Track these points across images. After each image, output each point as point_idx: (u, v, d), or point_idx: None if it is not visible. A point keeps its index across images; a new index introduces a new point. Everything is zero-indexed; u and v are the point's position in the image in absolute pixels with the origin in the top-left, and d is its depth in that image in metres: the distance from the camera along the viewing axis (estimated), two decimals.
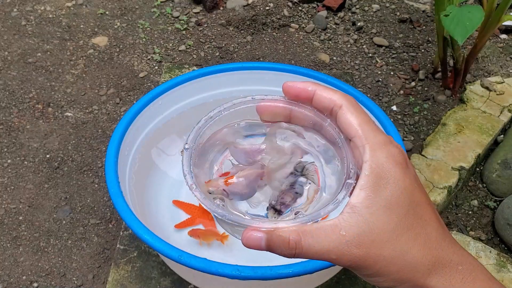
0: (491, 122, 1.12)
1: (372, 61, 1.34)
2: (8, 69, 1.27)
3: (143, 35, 1.38)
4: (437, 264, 0.29)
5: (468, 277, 0.29)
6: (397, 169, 0.29)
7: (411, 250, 0.28)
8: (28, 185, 1.01)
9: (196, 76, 0.88)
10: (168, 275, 0.78)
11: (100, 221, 0.95)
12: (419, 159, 1.03)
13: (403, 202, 0.28)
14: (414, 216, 0.29)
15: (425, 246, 0.29)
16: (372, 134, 0.30)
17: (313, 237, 0.28)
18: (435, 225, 0.29)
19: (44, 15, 1.44)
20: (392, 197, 0.28)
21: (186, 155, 0.34)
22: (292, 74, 0.90)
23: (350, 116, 0.30)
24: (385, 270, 0.28)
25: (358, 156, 0.30)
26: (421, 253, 0.28)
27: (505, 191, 1.03)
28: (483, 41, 1.13)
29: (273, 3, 1.48)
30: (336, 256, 0.28)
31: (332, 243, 0.28)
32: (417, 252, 0.28)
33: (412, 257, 0.28)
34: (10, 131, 1.12)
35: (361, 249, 0.28)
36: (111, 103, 1.19)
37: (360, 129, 0.30)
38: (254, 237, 0.30)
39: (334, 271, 0.76)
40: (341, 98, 0.31)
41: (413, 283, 0.29)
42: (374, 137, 0.29)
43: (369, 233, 0.28)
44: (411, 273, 0.28)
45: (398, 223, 0.28)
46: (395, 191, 0.28)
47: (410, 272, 0.28)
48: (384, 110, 1.03)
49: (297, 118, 0.34)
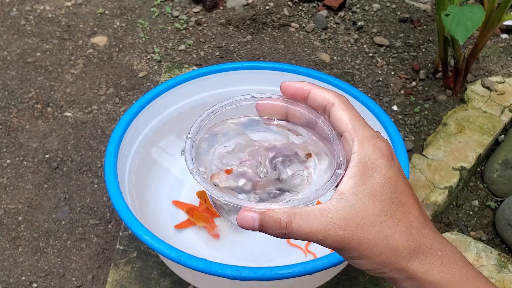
0: (492, 122, 1.11)
1: (373, 60, 1.33)
2: (7, 69, 1.26)
3: (143, 35, 1.38)
4: (417, 249, 0.31)
5: (447, 263, 0.31)
6: (383, 161, 0.31)
7: (393, 235, 0.30)
8: (27, 185, 1.01)
9: (196, 76, 0.88)
10: (167, 275, 0.78)
11: (100, 221, 0.95)
12: (420, 159, 1.03)
13: (387, 191, 0.31)
14: (397, 204, 0.31)
15: (407, 232, 0.31)
16: (361, 129, 0.32)
17: (302, 218, 0.30)
18: (417, 214, 0.31)
19: (43, 15, 1.44)
20: (377, 185, 0.30)
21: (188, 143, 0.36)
22: (292, 74, 0.90)
23: (341, 113, 0.32)
24: (368, 252, 0.30)
25: (348, 149, 0.32)
26: (403, 238, 0.30)
27: (506, 191, 1.03)
28: (484, 40, 1.12)
29: (273, 3, 1.47)
30: (323, 237, 0.30)
31: (320, 224, 0.30)
32: (399, 237, 0.30)
33: (394, 241, 0.30)
34: (9, 131, 1.11)
35: (346, 232, 0.30)
36: (111, 103, 1.19)
37: (350, 124, 0.32)
38: (248, 217, 0.31)
39: (334, 271, 0.76)
40: (333, 96, 0.33)
41: (395, 266, 0.31)
42: (363, 131, 0.32)
43: (354, 217, 0.30)
44: (393, 257, 0.30)
45: (382, 209, 0.30)
46: (380, 180, 0.31)
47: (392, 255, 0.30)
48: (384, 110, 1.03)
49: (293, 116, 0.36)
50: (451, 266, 0.31)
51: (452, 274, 0.31)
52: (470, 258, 0.86)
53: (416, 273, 0.31)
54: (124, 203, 0.66)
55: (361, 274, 0.79)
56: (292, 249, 0.79)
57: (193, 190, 0.87)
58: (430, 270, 0.31)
